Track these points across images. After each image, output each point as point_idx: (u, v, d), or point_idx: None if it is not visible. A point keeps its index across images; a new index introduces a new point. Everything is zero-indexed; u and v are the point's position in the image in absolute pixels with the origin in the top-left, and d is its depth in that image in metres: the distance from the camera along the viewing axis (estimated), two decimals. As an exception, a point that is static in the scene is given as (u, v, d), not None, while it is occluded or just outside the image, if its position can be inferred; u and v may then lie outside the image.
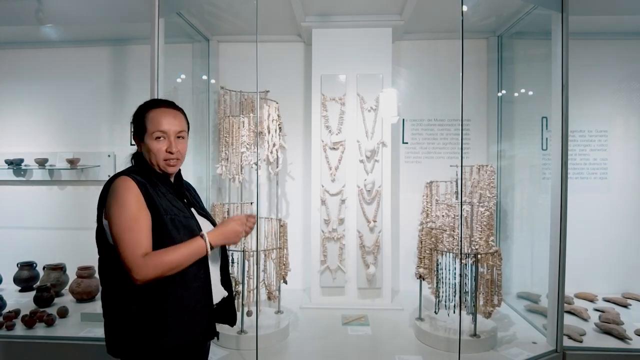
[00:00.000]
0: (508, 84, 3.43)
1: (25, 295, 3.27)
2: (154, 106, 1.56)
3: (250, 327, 2.62)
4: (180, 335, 1.44)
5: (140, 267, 1.35)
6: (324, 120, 3.27)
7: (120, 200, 1.39)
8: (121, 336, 1.43)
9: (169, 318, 1.42)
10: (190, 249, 1.44)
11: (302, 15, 3.17)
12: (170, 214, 1.46)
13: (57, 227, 3.57)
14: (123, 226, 1.36)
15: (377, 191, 3.25)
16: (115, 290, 1.44)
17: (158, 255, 1.38)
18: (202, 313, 1.50)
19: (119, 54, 3.58)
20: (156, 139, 1.51)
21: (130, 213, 1.38)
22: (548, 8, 2.47)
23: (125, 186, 1.40)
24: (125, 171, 1.48)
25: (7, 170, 3.51)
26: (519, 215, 3.37)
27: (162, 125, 1.51)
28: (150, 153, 1.51)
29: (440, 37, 3.50)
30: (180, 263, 1.41)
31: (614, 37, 3.37)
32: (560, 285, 2.42)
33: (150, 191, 1.44)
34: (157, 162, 1.52)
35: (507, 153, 3.42)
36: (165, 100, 1.61)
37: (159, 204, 1.44)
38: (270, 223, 2.91)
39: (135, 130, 1.56)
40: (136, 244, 1.36)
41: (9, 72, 3.60)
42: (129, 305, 1.41)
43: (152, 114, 1.53)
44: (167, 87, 2.54)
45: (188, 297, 1.46)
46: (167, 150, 1.51)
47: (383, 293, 3.27)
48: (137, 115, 1.56)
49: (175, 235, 1.44)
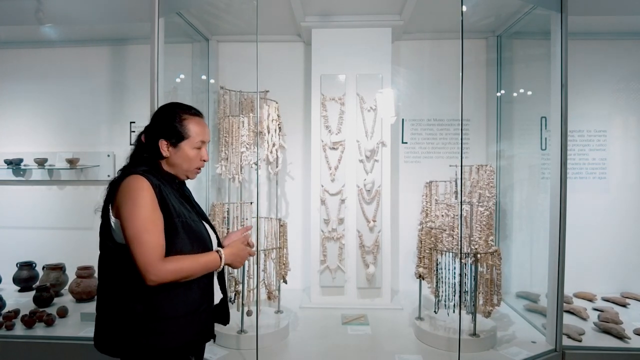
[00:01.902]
0: (507, 83, 3.44)
1: (24, 295, 3.27)
2: (193, 114, 1.58)
3: (250, 326, 2.62)
4: (180, 336, 1.44)
5: (159, 270, 1.35)
6: (324, 120, 3.27)
7: (135, 199, 1.38)
8: (119, 334, 1.42)
9: (171, 319, 1.42)
10: (206, 262, 1.47)
11: (301, 15, 3.17)
12: (181, 218, 1.47)
13: (57, 227, 3.57)
14: (140, 227, 1.36)
15: (376, 191, 3.25)
16: (119, 289, 1.43)
17: (177, 262, 1.39)
18: (202, 315, 1.52)
19: (118, 54, 3.59)
20: (196, 148, 1.55)
21: (146, 213, 1.37)
22: (547, 8, 2.48)
23: (140, 186, 1.40)
24: (138, 170, 1.46)
25: (6, 170, 3.50)
26: (518, 215, 3.37)
27: (205, 135, 1.57)
28: (184, 159, 1.54)
29: (439, 37, 3.51)
30: (195, 273, 1.44)
31: (613, 37, 3.38)
32: (560, 285, 2.43)
33: (163, 193, 1.44)
34: (188, 168, 1.56)
35: (506, 153, 3.43)
36: (197, 109, 1.63)
37: (172, 207, 1.45)
38: (270, 223, 2.91)
39: (167, 134, 1.53)
40: (154, 246, 1.36)
41: (9, 72, 3.60)
42: (135, 304, 1.40)
43: (194, 122, 1.56)
44: (166, 87, 2.54)
45: (192, 299, 1.47)
46: (202, 159, 1.58)
47: (383, 293, 3.27)
48: (171, 119, 1.54)
49: (185, 240, 1.45)
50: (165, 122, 1.54)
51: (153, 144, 1.53)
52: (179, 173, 1.57)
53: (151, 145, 1.54)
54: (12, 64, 3.61)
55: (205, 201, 3.42)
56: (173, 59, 2.86)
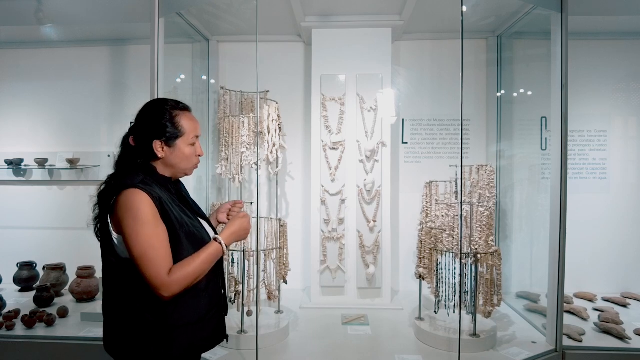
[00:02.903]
0: (507, 84, 3.44)
1: (25, 295, 3.27)
2: (182, 109, 1.50)
3: (251, 327, 2.62)
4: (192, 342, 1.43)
5: (169, 285, 1.32)
6: (324, 120, 3.27)
7: (136, 217, 1.31)
8: (128, 340, 1.40)
9: (182, 327, 1.41)
10: (208, 255, 1.42)
11: (301, 16, 3.17)
12: (184, 227, 1.42)
13: (57, 227, 3.57)
14: (145, 245, 1.31)
15: (376, 191, 3.25)
16: (127, 298, 1.39)
17: (181, 269, 1.35)
18: (214, 320, 1.51)
19: (118, 54, 3.59)
20: (191, 144, 1.49)
21: (150, 230, 1.32)
22: (548, 8, 2.48)
23: (140, 200, 1.32)
24: (135, 183, 1.37)
25: (6, 170, 3.50)
26: (518, 215, 3.37)
27: (197, 130, 1.50)
28: (182, 158, 1.47)
29: (440, 37, 3.51)
30: (203, 271, 1.40)
31: (613, 37, 3.38)
32: (560, 285, 2.43)
33: (165, 206, 1.38)
34: (186, 166, 1.50)
35: (506, 153, 3.43)
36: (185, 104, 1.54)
37: (174, 219, 1.40)
38: (270, 223, 2.91)
39: (159, 134, 1.44)
40: (161, 262, 1.32)
41: (9, 72, 3.60)
42: (144, 313, 1.37)
43: (185, 118, 1.48)
44: (167, 87, 2.54)
45: (202, 306, 1.46)
46: (198, 154, 1.52)
47: (383, 293, 3.27)
48: (161, 117, 1.45)
49: (188, 249, 1.41)
50: (155, 121, 1.44)
51: (146, 147, 1.44)
52: (177, 173, 1.51)
53: (144, 148, 1.44)
54: (12, 64, 3.61)
55: (205, 201, 3.42)
56: (173, 59, 2.87)
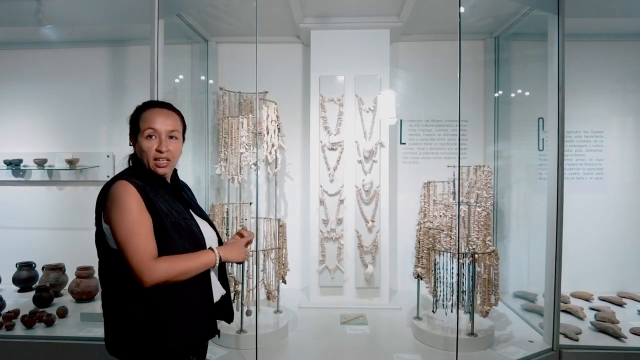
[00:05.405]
0: (505, 85, 3.46)
1: (24, 296, 3.27)
2: (149, 106, 1.58)
3: (250, 326, 2.63)
4: (182, 335, 1.45)
5: (152, 270, 1.36)
6: (323, 121, 3.28)
7: (121, 204, 1.39)
8: (124, 337, 1.44)
9: (171, 319, 1.43)
10: (201, 261, 1.47)
11: (300, 17, 3.19)
12: (170, 218, 1.46)
13: (57, 227, 3.58)
14: (128, 231, 1.37)
15: (375, 191, 3.27)
16: (118, 292, 1.45)
17: (169, 261, 1.40)
18: (202, 313, 1.52)
19: (118, 55, 3.59)
20: (147, 137, 1.52)
21: (134, 217, 1.38)
22: (544, 10, 2.49)
23: (125, 190, 1.40)
24: (123, 175, 1.47)
25: (6, 170, 3.51)
26: (515, 215, 3.39)
27: (154, 123, 1.52)
28: (142, 152, 1.52)
29: (437, 38, 3.53)
30: (189, 272, 1.44)
31: (609, 38, 3.40)
32: (557, 285, 2.45)
33: (149, 195, 1.44)
34: (147, 161, 1.53)
35: (504, 153, 3.44)
36: (161, 101, 1.64)
37: (159, 208, 1.45)
38: (269, 223, 2.93)
39: (131, 130, 1.58)
40: (144, 248, 1.37)
41: (9, 72, 3.61)
42: (132, 306, 1.41)
43: (147, 113, 1.55)
44: (166, 88, 2.55)
45: (189, 298, 1.48)
46: (157, 149, 1.51)
47: (381, 292, 3.28)
48: (133, 116, 1.58)
49: (176, 239, 1.45)
50: (130, 120, 1.59)
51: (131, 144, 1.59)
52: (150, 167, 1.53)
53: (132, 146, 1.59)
54: (12, 64, 3.61)
55: (204, 201, 3.43)
56: (173, 59, 2.88)
